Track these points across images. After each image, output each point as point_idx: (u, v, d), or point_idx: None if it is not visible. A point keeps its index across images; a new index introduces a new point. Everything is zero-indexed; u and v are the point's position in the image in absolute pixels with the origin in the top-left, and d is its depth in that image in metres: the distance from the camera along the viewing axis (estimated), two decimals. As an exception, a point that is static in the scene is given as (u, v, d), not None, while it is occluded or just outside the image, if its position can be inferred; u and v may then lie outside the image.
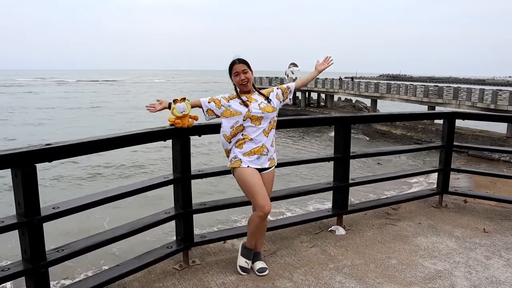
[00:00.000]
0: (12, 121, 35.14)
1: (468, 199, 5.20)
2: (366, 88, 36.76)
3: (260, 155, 3.10)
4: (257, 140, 3.09)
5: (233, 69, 3.10)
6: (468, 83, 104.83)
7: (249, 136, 3.08)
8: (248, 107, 3.06)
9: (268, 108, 3.12)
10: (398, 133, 29.97)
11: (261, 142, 3.10)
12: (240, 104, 3.08)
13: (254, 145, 3.08)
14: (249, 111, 3.05)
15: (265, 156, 3.12)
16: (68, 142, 2.65)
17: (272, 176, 3.21)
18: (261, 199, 3.00)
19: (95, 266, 8.06)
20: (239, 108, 3.07)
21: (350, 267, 3.41)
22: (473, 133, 25.46)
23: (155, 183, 3.16)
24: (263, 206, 3.00)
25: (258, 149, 3.10)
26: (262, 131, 3.10)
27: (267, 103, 3.15)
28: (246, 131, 3.08)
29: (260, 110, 3.09)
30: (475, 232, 4.22)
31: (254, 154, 3.08)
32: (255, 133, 3.08)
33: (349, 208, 4.28)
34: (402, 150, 5.64)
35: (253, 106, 3.09)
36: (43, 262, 2.49)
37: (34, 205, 2.43)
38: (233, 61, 3.10)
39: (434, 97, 30.50)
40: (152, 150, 20.51)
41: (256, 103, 3.11)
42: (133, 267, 3.01)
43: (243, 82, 3.09)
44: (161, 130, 3.13)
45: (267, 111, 3.11)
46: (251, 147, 3.08)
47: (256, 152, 3.09)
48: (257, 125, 3.08)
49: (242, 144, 3.09)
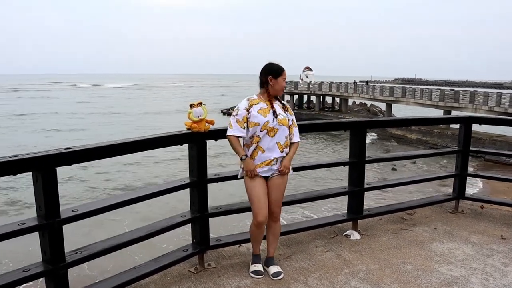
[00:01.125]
0: (39, 127, 34.56)
1: (485, 204, 5.14)
2: (381, 92, 36.49)
3: (271, 165, 3.13)
4: (269, 153, 3.10)
5: (283, 74, 3.13)
6: (485, 87, 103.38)
7: (262, 147, 3.09)
8: (266, 117, 3.05)
9: (284, 121, 3.12)
10: (413, 138, 29.67)
11: (273, 155, 3.11)
12: (258, 113, 3.06)
13: (265, 157, 3.10)
14: (267, 122, 3.05)
15: (275, 165, 3.15)
16: (87, 146, 2.71)
17: (282, 180, 3.21)
18: (256, 208, 3.11)
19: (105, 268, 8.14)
20: (256, 118, 3.05)
21: (365, 272, 3.40)
22: (490, 138, 25.07)
23: (172, 187, 3.20)
24: (256, 215, 3.12)
25: (269, 162, 3.12)
26: (276, 143, 3.11)
27: (285, 117, 3.15)
28: (261, 142, 3.09)
29: (277, 122, 3.09)
30: (492, 238, 4.17)
31: (266, 166, 3.11)
32: (269, 145, 3.08)
33: (364, 213, 4.27)
34: (417, 155, 5.61)
35: (269, 117, 3.07)
36: (62, 263, 2.55)
37: (54, 207, 2.49)
38: (282, 67, 3.14)
39: (450, 101, 30.13)
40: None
41: (276, 113, 3.11)
42: (150, 270, 3.05)
43: (284, 89, 3.19)
44: (178, 134, 3.17)
45: (282, 123, 3.11)
46: (263, 159, 3.10)
47: (267, 164, 3.12)
48: (272, 136, 3.08)
49: (255, 155, 3.10)
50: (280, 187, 3.20)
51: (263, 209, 3.12)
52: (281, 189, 3.22)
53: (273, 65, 3.13)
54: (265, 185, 3.15)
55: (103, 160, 2.99)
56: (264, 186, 3.14)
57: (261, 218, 3.11)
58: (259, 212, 3.11)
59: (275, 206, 3.22)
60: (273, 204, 3.20)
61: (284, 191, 3.27)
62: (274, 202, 3.20)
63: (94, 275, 8.08)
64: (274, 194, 3.18)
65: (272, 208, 3.20)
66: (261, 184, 3.12)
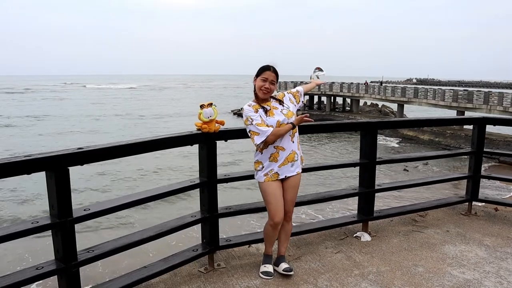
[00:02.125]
0: (55, 129, 34.13)
1: (499, 207, 5.07)
2: (392, 92, 36.22)
3: (293, 161, 3.14)
4: (288, 148, 3.11)
5: (265, 73, 3.04)
6: (500, 87, 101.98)
7: (281, 146, 3.09)
8: (275, 118, 3.05)
9: (289, 113, 3.13)
10: (425, 139, 29.39)
11: (291, 148, 3.12)
12: (267, 116, 3.05)
13: (286, 153, 3.11)
14: (278, 121, 3.05)
15: (297, 161, 3.16)
16: (99, 146, 2.74)
17: (298, 180, 3.23)
18: (274, 208, 3.12)
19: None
20: (268, 121, 3.03)
21: (376, 274, 3.38)
22: (505, 139, 24.73)
23: (182, 187, 3.22)
24: (273, 216, 3.13)
25: (291, 156, 3.12)
26: (289, 137, 3.12)
27: (287, 109, 3.15)
28: (277, 142, 3.08)
29: (285, 117, 3.09)
30: (507, 241, 4.11)
31: (288, 162, 3.12)
32: (285, 141, 3.09)
33: (375, 214, 4.24)
34: (430, 156, 5.55)
35: (278, 115, 3.08)
36: (74, 262, 2.58)
37: (66, 206, 2.52)
38: (267, 66, 3.06)
39: (464, 102, 29.78)
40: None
41: (278, 110, 3.11)
42: (160, 269, 3.07)
43: (265, 90, 3.04)
44: (188, 135, 3.19)
45: (289, 116, 3.11)
46: (285, 156, 3.11)
47: (290, 160, 3.12)
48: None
49: (276, 156, 3.10)
50: (295, 187, 3.22)
51: (280, 211, 3.14)
52: (296, 189, 3.25)
53: (261, 67, 3.09)
54: (281, 187, 3.17)
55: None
56: (280, 187, 3.15)
57: (278, 219, 3.13)
58: (276, 214, 3.12)
59: (290, 205, 3.24)
60: (288, 204, 3.22)
61: (297, 191, 3.28)
62: (289, 202, 3.22)
63: (107, 272, 8.16)
64: (289, 193, 3.20)
65: (287, 207, 3.22)
66: (278, 186, 3.14)
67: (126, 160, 18.17)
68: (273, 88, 3.08)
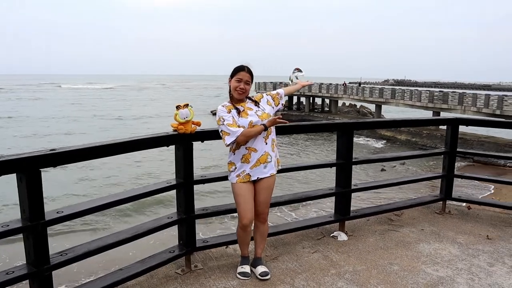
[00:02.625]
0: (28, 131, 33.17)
1: (471, 205, 5.19)
2: (370, 93, 36.73)
3: (266, 163, 3.12)
4: (260, 149, 3.09)
5: (239, 74, 3.03)
6: (474, 88, 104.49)
7: (253, 147, 3.07)
8: (248, 118, 3.04)
9: (264, 115, 3.10)
10: (402, 139, 29.87)
11: (263, 150, 3.10)
12: (239, 117, 3.04)
13: (258, 155, 3.09)
14: (251, 122, 3.03)
15: (270, 163, 3.14)
16: (73, 147, 2.70)
17: (272, 182, 3.21)
18: (242, 210, 3.12)
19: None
20: (240, 121, 3.03)
21: (352, 273, 3.41)
22: (479, 139, 25.34)
23: (158, 188, 3.19)
24: (242, 218, 3.14)
25: (263, 158, 3.10)
26: (263, 138, 3.10)
27: (262, 110, 3.12)
28: (249, 143, 3.07)
29: (259, 119, 3.06)
30: (479, 239, 4.21)
31: (261, 164, 3.10)
32: (258, 143, 3.07)
33: (352, 214, 4.28)
34: (405, 156, 5.65)
35: (252, 116, 3.06)
36: (47, 265, 2.52)
37: (38, 209, 2.46)
38: (241, 66, 3.05)
39: (439, 103, 30.41)
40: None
41: (253, 112, 3.09)
42: (136, 271, 3.03)
43: (240, 90, 3.04)
44: (164, 136, 3.16)
45: (263, 118, 3.08)
46: (257, 157, 3.09)
47: (262, 161, 3.10)
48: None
49: (248, 157, 3.09)
50: (269, 188, 3.20)
51: (249, 212, 3.12)
52: (270, 190, 3.22)
53: (235, 68, 3.08)
54: (252, 188, 3.15)
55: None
56: (251, 189, 3.13)
57: (246, 221, 3.12)
58: (245, 215, 3.11)
59: (264, 207, 3.22)
60: (261, 206, 3.20)
61: (272, 192, 3.27)
62: (262, 204, 3.20)
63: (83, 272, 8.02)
64: (263, 195, 3.17)
65: (260, 209, 3.20)
66: (248, 187, 3.11)
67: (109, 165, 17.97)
68: (248, 88, 3.08)
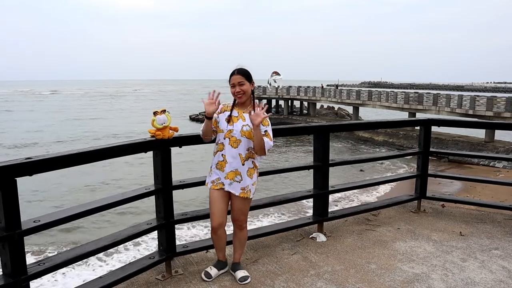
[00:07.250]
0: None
1: (445, 203, 5.34)
2: (348, 95, 37.23)
3: (233, 181, 3.07)
4: (232, 164, 3.05)
5: (231, 80, 3.02)
6: (447, 89, 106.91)
7: (227, 157, 3.05)
8: (232, 126, 3.03)
9: (246, 132, 3.02)
10: (380, 140, 30.39)
11: (235, 168, 3.06)
12: (225, 121, 3.05)
13: (229, 168, 3.07)
14: (230, 131, 3.03)
15: (237, 183, 3.07)
16: (48, 155, 2.66)
17: (240, 203, 3.14)
18: (211, 214, 3.18)
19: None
20: (223, 125, 3.05)
21: (331, 273, 3.48)
22: (453, 139, 25.99)
23: (137, 194, 3.18)
24: (211, 221, 3.18)
25: (232, 174, 3.06)
26: (239, 155, 3.05)
27: (250, 127, 3.00)
28: (225, 151, 3.06)
29: (240, 133, 3.02)
30: (452, 236, 4.34)
31: (227, 179, 3.07)
32: (232, 156, 3.04)
33: (330, 215, 4.36)
34: (380, 157, 5.77)
35: (236, 126, 3.04)
36: (24, 276, 2.49)
37: (14, 219, 2.43)
38: (232, 72, 3.03)
39: (415, 104, 31.08)
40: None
41: (241, 124, 3.04)
42: (116, 279, 3.01)
43: (238, 94, 3.02)
44: (142, 142, 3.16)
45: (247, 136, 3.03)
46: (228, 170, 3.06)
47: (229, 177, 3.07)
48: (234, 148, 3.04)
49: (223, 165, 3.08)
50: (240, 208, 3.16)
51: (218, 216, 3.13)
52: (242, 205, 3.16)
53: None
54: (227, 195, 3.13)
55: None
56: (223, 196, 3.12)
57: (214, 224, 3.14)
58: (213, 219, 3.14)
59: (239, 214, 3.19)
60: (237, 213, 3.18)
61: (248, 203, 3.22)
62: (237, 211, 3.18)
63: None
64: (236, 204, 3.15)
65: (235, 216, 3.20)
66: (221, 194, 3.11)
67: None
68: (245, 88, 3.02)
